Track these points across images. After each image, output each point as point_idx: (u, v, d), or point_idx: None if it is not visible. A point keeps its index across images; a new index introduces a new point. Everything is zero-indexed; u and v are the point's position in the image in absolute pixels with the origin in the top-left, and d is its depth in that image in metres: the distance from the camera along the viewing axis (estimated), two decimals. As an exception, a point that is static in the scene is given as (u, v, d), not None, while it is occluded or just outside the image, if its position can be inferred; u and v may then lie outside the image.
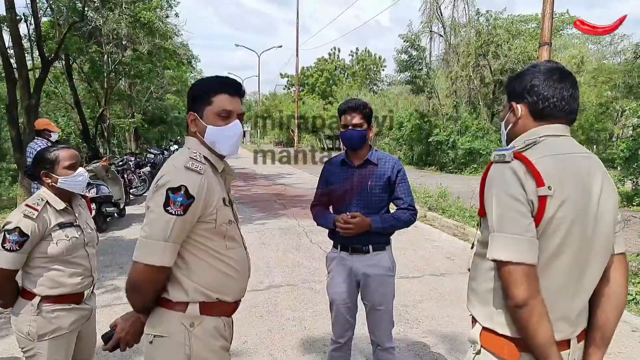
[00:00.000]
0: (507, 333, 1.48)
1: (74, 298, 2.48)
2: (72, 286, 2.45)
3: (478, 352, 1.55)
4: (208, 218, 1.72)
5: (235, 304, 1.90)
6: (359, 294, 2.98)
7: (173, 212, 1.62)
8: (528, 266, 1.38)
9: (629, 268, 1.72)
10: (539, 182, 1.41)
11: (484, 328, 1.55)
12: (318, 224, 3.06)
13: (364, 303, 2.97)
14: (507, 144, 1.67)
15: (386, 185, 2.89)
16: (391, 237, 3.00)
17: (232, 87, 1.85)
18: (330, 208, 3.08)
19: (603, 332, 1.58)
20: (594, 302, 1.59)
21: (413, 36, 25.12)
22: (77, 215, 2.56)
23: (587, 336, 1.59)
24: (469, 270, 1.70)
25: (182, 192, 1.62)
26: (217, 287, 1.78)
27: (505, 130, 1.71)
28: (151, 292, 1.70)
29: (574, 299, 1.51)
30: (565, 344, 1.51)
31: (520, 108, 1.62)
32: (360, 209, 2.85)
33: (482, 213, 1.55)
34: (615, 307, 1.58)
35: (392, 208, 2.97)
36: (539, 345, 1.41)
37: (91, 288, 2.61)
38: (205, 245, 1.75)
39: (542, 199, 1.41)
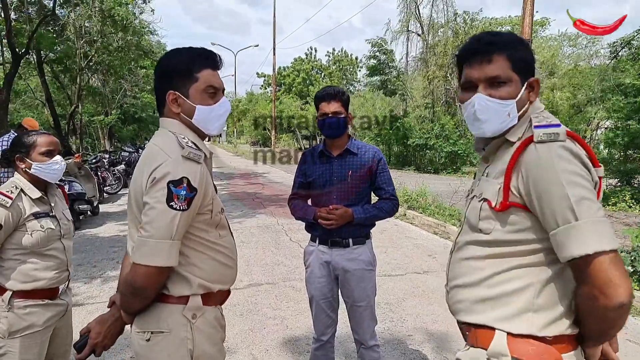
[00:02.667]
0: (548, 334, 1.27)
1: (49, 293, 2.33)
2: (47, 280, 2.31)
3: None
4: (205, 209, 1.61)
5: (229, 292, 1.81)
6: (339, 289, 2.88)
7: (178, 208, 1.48)
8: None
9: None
10: (596, 162, 1.25)
11: (511, 335, 1.30)
12: (296, 218, 2.94)
13: (344, 300, 2.86)
14: (502, 132, 1.41)
15: (367, 176, 2.79)
16: (371, 231, 2.90)
17: (215, 61, 1.71)
18: (310, 201, 2.97)
19: None
20: None
21: (380, 40, 25.28)
22: (52, 205, 2.41)
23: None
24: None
25: (185, 185, 1.49)
26: (217, 279, 1.69)
27: (519, 112, 1.40)
28: (154, 294, 1.57)
29: None
30: None
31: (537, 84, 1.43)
32: (341, 200, 2.75)
33: (507, 206, 1.31)
34: None
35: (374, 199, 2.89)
36: (613, 335, 1.30)
37: (67, 283, 2.47)
38: (202, 238, 1.63)
39: (600, 181, 1.27)
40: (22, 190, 2.29)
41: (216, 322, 1.70)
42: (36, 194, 2.32)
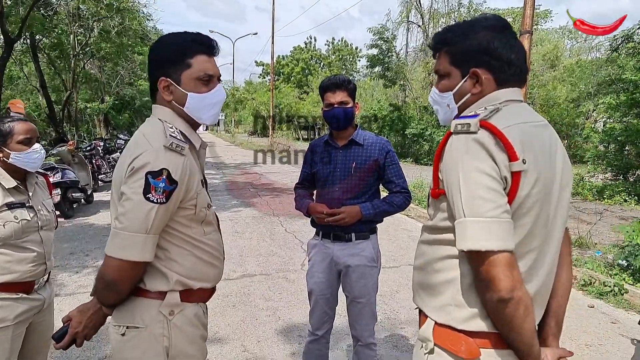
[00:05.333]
0: (466, 328, 1.29)
1: (23, 287, 2.21)
2: (22, 273, 2.17)
3: (431, 352, 1.35)
4: (188, 204, 1.54)
5: (213, 290, 1.74)
6: (340, 285, 2.82)
7: (155, 200, 1.42)
8: (510, 253, 1.18)
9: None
10: (512, 155, 1.20)
11: (437, 324, 1.36)
12: (295, 207, 2.89)
13: (345, 294, 2.81)
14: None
15: (373, 168, 2.69)
16: (377, 225, 2.83)
17: (210, 47, 1.63)
18: (315, 192, 2.91)
19: (557, 318, 1.44)
20: None
21: (382, 28, 25.11)
22: (30, 195, 2.29)
23: (542, 324, 1.44)
24: None
25: (164, 177, 1.42)
26: (198, 276, 1.61)
27: (458, 103, 1.44)
28: (128, 288, 1.51)
29: (545, 284, 1.36)
30: None
31: (483, 75, 1.38)
32: (344, 192, 2.68)
33: (437, 194, 1.34)
34: (566, 288, 1.46)
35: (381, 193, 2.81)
36: (523, 340, 1.24)
37: (45, 276, 2.34)
38: (183, 233, 1.57)
39: (516, 175, 1.21)
40: None
41: (196, 320, 1.63)
42: (11, 183, 2.19)
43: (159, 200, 1.42)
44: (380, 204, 2.69)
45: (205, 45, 1.62)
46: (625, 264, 5.36)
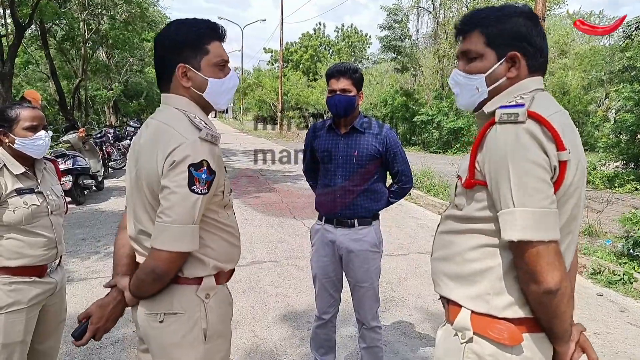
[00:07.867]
0: (507, 316, 1.29)
1: (36, 271, 2.26)
2: (34, 258, 2.23)
3: (469, 341, 1.34)
4: (219, 190, 1.59)
5: (234, 269, 1.79)
6: (343, 269, 2.86)
7: (199, 192, 1.46)
8: (556, 244, 1.20)
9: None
10: (560, 145, 1.20)
11: (474, 313, 1.35)
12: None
13: (347, 280, 2.85)
14: (477, 106, 1.45)
15: (373, 156, 2.71)
16: (379, 212, 2.86)
17: (222, 33, 1.66)
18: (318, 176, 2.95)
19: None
20: None
21: (395, 8, 24.87)
22: (39, 180, 2.33)
23: None
24: None
25: (205, 168, 1.46)
26: (228, 259, 1.68)
27: (489, 86, 1.40)
28: (171, 277, 1.55)
29: (572, 264, 1.39)
30: None
31: (520, 59, 1.36)
32: (345, 180, 2.70)
33: (471, 184, 1.33)
34: (573, 274, 1.48)
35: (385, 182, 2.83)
36: (563, 326, 1.27)
37: (57, 260, 2.40)
38: (213, 219, 1.61)
39: (563, 164, 1.21)
40: (4, 165, 2.21)
41: (227, 300, 1.71)
42: (19, 169, 2.24)
43: (202, 192, 1.46)
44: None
45: (217, 31, 1.64)
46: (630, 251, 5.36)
